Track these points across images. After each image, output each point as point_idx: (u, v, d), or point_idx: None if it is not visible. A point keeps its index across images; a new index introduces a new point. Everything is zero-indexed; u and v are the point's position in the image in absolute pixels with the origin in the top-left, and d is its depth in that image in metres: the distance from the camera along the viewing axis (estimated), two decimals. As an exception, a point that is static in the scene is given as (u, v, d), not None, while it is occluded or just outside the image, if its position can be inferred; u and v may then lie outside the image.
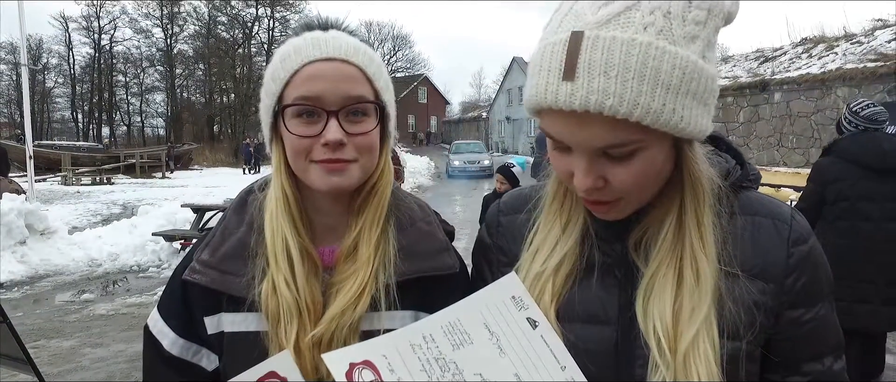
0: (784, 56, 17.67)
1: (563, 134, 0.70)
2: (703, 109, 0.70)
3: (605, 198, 0.74)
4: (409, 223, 0.95)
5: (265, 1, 44.40)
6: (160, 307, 0.97)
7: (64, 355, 4.65)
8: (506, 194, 1.00)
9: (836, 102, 14.06)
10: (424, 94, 59.31)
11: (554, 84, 0.66)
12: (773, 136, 15.85)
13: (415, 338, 0.79)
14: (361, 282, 0.87)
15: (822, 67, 15.09)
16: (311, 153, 0.85)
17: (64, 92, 48.89)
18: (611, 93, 0.64)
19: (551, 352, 0.77)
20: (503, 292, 0.81)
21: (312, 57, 0.86)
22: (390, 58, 55.00)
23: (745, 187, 0.84)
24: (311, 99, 0.85)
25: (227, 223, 0.95)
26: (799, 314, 0.80)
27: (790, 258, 0.79)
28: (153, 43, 46.44)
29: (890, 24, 15.68)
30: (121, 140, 47.78)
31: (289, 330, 0.85)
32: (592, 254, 0.82)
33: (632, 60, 0.64)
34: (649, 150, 0.69)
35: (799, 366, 0.82)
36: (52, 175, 23.04)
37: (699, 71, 0.67)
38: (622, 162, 0.70)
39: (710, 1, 0.70)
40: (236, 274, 0.89)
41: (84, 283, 7.03)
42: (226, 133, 45.49)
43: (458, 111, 63.11)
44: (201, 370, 0.94)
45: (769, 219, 0.81)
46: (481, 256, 0.96)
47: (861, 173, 2.97)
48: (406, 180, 18.08)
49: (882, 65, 13.36)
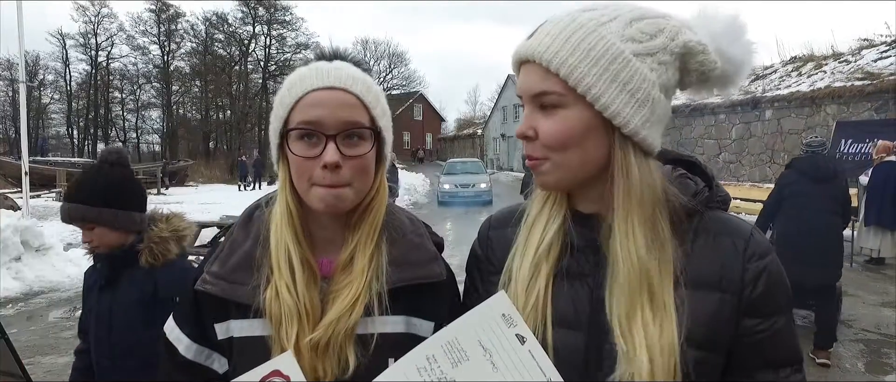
0: (774, 74, 17.92)
1: (519, 84, 0.88)
2: (627, 97, 0.81)
3: (535, 153, 0.87)
4: (401, 236, 1.03)
5: (262, 19, 44.77)
6: (175, 316, 1.06)
7: (58, 371, 4.64)
8: (497, 211, 1.09)
9: (826, 120, 14.25)
10: (420, 111, 59.57)
11: (522, 42, 0.87)
12: (765, 153, 16.01)
13: (420, 361, 0.86)
14: (356, 292, 0.95)
15: (812, 85, 15.32)
16: (312, 176, 0.93)
17: (60, 108, 48.94)
18: (546, 46, 0.82)
19: (538, 366, 0.84)
20: (494, 310, 0.89)
21: (315, 85, 0.95)
22: (386, 75, 55.36)
23: (712, 207, 0.90)
24: (311, 123, 0.93)
25: (234, 238, 1.03)
26: (754, 323, 0.86)
27: (746, 273, 0.85)
28: (150, 59, 46.59)
29: (876, 44, 15.97)
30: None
31: (289, 332, 0.92)
32: (567, 261, 0.89)
33: (568, 29, 0.82)
34: (571, 109, 0.83)
35: (753, 374, 0.87)
36: (46, 191, 22.97)
37: (626, 61, 0.81)
38: (548, 114, 0.84)
39: (664, 22, 0.83)
40: (243, 283, 0.97)
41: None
42: (221, 150, 45.52)
43: (453, 128, 63.45)
44: (213, 372, 1.03)
45: (729, 237, 0.87)
46: (474, 266, 1.05)
47: (804, 180, 4.60)
48: (401, 197, 18.11)
49: (869, 83, 13.59)
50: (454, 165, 23.18)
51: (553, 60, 0.81)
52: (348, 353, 0.93)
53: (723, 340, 0.85)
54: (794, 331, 0.90)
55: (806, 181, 4.58)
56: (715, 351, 0.85)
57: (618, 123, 0.81)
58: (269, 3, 44.42)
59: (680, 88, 0.91)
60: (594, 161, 0.85)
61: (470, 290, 1.04)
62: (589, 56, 0.80)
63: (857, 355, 4.89)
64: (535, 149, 0.86)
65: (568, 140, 0.83)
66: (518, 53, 0.86)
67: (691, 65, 0.85)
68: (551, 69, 0.81)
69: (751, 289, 0.85)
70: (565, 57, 0.80)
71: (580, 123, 0.82)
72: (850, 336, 5.36)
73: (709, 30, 0.86)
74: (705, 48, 0.84)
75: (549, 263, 0.89)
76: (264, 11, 45.02)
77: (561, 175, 0.86)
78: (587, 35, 0.81)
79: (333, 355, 0.93)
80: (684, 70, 0.86)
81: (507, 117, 44.07)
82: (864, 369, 4.61)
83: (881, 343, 5.18)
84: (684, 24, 0.86)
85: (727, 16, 0.87)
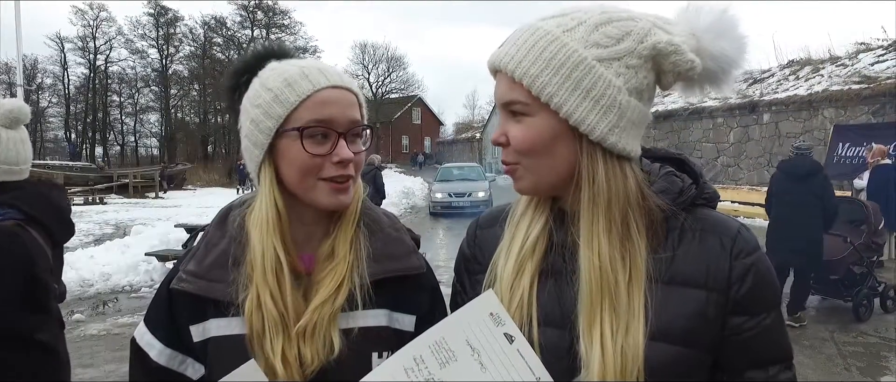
0: (772, 78, 17.97)
1: (494, 91, 0.90)
2: (591, 104, 0.81)
3: (508, 159, 0.89)
4: (379, 229, 1.04)
5: (260, 22, 44.85)
6: (147, 320, 1.03)
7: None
8: (485, 212, 1.08)
9: (824, 124, 14.28)
10: (418, 114, 59.65)
11: (494, 50, 0.89)
12: (763, 156, 16.04)
13: (407, 362, 0.86)
14: (340, 276, 0.96)
15: (809, 89, 15.36)
16: (322, 171, 0.95)
17: (58, 112, 48.91)
18: (512, 56, 0.84)
19: (527, 364, 0.83)
20: (482, 309, 0.88)
21: (322, 84, 0.96)
22: (385, 79, 55.45)
23: (699, 204, 0.90)
24: (325, 122, 0.95)
25: (209, 238, 1.02)
26: (741, 321, 0.85)
27: (733, 271, 0.84)
28: (148, 63, 46.68)
29: (873, 48, 16.03)
30: (114, 160, 47.61)
31: (274, 345, 0.91)
32: (552, 259, 0.89)
33: (532, 38, 0.84)
34: (537, 117, 0.84)
35: (741, 373, 0.86)
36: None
37: (588, 68, 0.81)
38: (517, 121, 0.86)
39: (632, 25, 0.82)
40: (221, 281, 0.96)
41: (75, 303, 6.97)
42: (220, 153, 45.52)
43: (451, 132, 63.50)
44: (187, 379, 1.00)
45: (715, 235, 0.86)
46: (462, 265, 1.04)
47: (786, 178, 5.68)
48: (398, 202, 17.74)
49: (866, 87, 13.63)
50: (449, 170, 19.62)
51: (516, 70, 0.83)
52: (333, 337, 0.92)
53: (706, 338, 0.83)
54: (782, 328, 0.88)
55: (787, 179, 5.65)
56: (696, 348, 0.83)
57: (583, 131, 0.82)
58: (267, 6, 44.54)
59: (661, 88, 0.90)
60: (565, 165, 0.85)
61: (458, 290, 1.04)
62: (550, 65, 0.81)
63: (855, 357, 4.89)
64: (508, 155, 0.88)
65: (535, 147, 0.85)
66: (490, 61, 0.89)
67: (665, 66, 0.83)
68: (515, 79, 0.83)
69: (738, 287, 0.84)
70: (527, 67, 0.82)
71: (547, 130, 0.84)
72: (848, 339, 5.37)
73: (691, 27, 0.84)
74: (678, 48, 0.81)
75: (534, 261, 0.89)
76: (263, 15, 45.17)
77: (534, 180, 0.88)
78: (549, 43, 0.82)
79: (320, 338, 0.92)
80: (660, 71, 0.85)
81: (505, 121, 43.95)
82: (862, 372, 4.61)
83: (880, 346, 5.20)
84: (656, 24, 0.84)
85: (713, 11, 0.85)
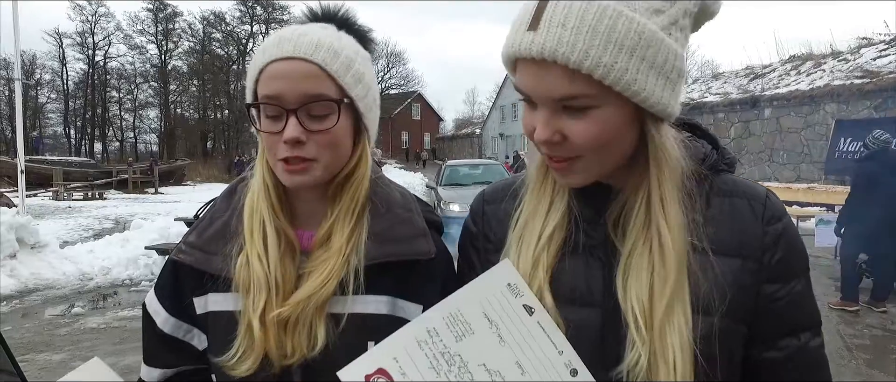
0: (773, 73, 17.93)
1: (529, 85, 0.74)
2: (663, 81, 0.72)
3: (563, 154, 0.77)
4: (386, 209, 0.96)
5: (260, 18, 44.72)
6: (156, 287, 1.00)
7: (53, 368, 4.59)
8: (489, 185, 1.02)
9: (825, 118, 14.25)
10: (418, 110, 59.57)
11: (520, 34, 0.72)
12: (765, 151, 16.01)
13: (420, 334, 0.80)
14: (331, 269, 0.89)
15: (811, 84, 15.32)
16: (277, 151, 0.87)
17: (56, 107, 48.82)
18: (566, 42, 0.68)
19: (548, 338, 0.79)
20: (499, 279, 0.83)
21: (273, 56, 0.87)
22: (384, 75, 55.31)
23: (722, 170, 0.86)
24: (272, 98, 0.87)
25: (215, 209, 0.99)
26: (775, 289, 0.82)
27: (765, 236, 0.81)
28: (147, 59, 46.61)
29: (875, 42, 15.97)
30: (113, 156, 47.58)
31: (257, 302, 0.88)
32: (577, 236, 0.84)
33: (588, 16, 0.69)
34: (604, 109, 0.72)
35: (776, 341, 0.83)
36: (43, 190, 22.87)
37: (658, 41, 0.70)
38: (579, 117, 0.73)
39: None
40: (218, 253, 0.93)
41: (75, 297, 6.95)
42: (219, 149, 45.45)
43: (451, 128, 63.43)
44: (193, 348, 0.98)
45: (745, 199, 0.83)
46: (469, 244, 0.98)
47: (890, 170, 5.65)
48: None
49: (868, 81, 13.59)
50: (457, 170, 13.12)
51: (585, 61, 0.68)
52: (318, 331, 0.88)
53: (742, 309, 0.79)
54: (812, 294, 0.85)
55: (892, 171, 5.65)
56: (734, 320, 0.79)
57: (657, 111, 0.74)
58: (266, 2, 44.39)
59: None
60: (630, 148, 0.79)
61: (465, 269, 0.97)
62: (624, 48, 0.68)
63: (862, 350, 4.87)
64: (563, 150, 0.76)
65: (607, 140, 0.75)
66: (522, 50, 0.71)
67: (702, 19, 0.78)
68: (582, 70, 0.68)
69: (771, 254, 0.81)
70: (599, 54, 0.68)
71: (618, 119, 0.74)
72: (855, 333, 5.34)
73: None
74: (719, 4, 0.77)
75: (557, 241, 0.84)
76: (262, 10, 45.03)
77: (596, 171, 0.79)
78: (615, 21, 0.68)
79: (303, 330, 0.87)
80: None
81: (505, 117, 44.10)
82: (869, 366, 4.58)
83: (888, 340, 5.18)
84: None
85: None
